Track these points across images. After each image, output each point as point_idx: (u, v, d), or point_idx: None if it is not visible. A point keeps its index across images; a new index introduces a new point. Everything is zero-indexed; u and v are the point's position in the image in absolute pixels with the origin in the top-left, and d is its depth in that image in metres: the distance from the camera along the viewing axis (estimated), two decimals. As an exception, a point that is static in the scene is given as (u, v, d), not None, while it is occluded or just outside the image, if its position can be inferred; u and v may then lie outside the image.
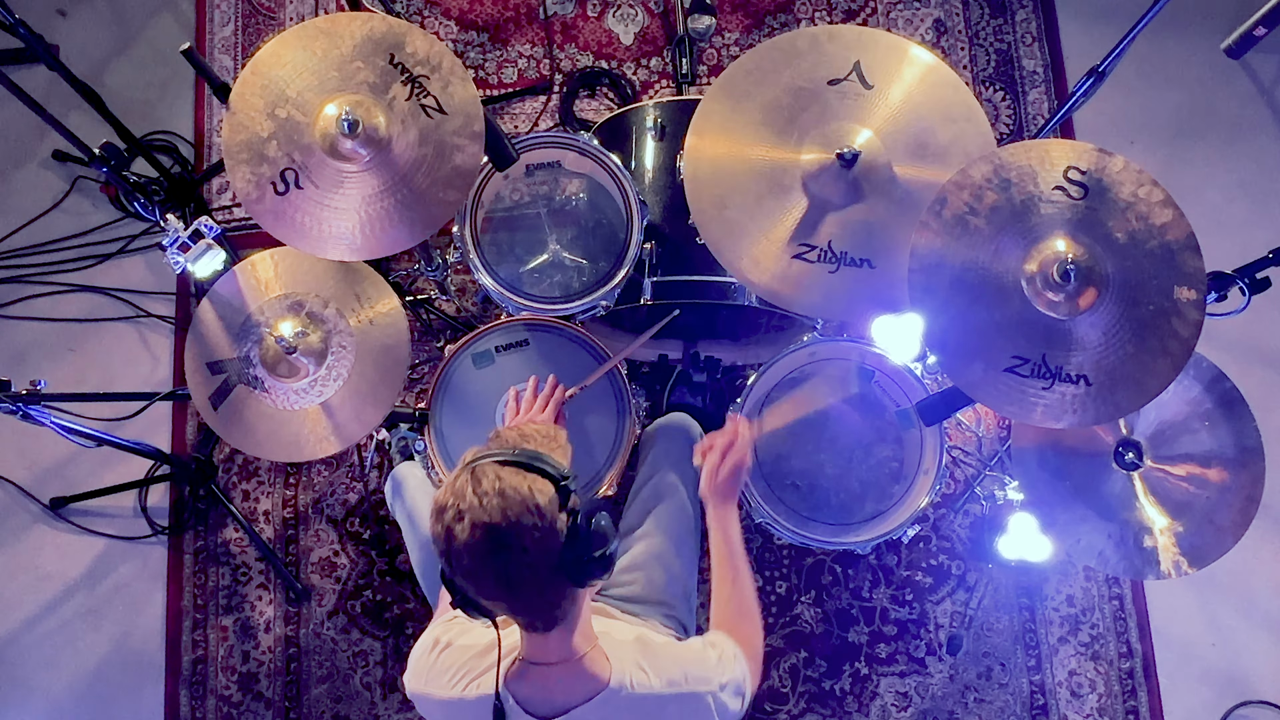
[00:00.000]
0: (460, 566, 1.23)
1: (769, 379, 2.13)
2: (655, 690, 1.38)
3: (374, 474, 2.62)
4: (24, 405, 1.86)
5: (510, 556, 1.21)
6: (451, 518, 1.22)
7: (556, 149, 2.13)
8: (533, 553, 1.22)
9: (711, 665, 1.45)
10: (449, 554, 1.23)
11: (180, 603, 2.60)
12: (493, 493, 1.21)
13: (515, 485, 1.23)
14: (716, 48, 2.91)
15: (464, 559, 1.22)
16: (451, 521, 1.22)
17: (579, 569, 1.26)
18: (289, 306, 1.96)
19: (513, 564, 1.22)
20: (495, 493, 1.21)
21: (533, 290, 2.10)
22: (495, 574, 1.23)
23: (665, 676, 1.40)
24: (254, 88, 1.79)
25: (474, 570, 1.23)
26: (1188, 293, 1.63)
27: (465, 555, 1.21)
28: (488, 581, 1.24)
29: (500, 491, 1.21)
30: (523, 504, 1.22)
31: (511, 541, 1.21)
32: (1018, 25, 2.94)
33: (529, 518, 1.22)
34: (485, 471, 1.24)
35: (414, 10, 2.93)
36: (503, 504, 1.21)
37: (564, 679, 1.35)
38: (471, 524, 1.20)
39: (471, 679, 1.39)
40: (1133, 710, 2.56)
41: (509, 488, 1.22)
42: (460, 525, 1.21)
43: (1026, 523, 2.13)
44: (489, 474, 1.23)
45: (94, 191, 2.83)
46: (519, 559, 1.22)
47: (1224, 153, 2.87)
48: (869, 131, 1.85)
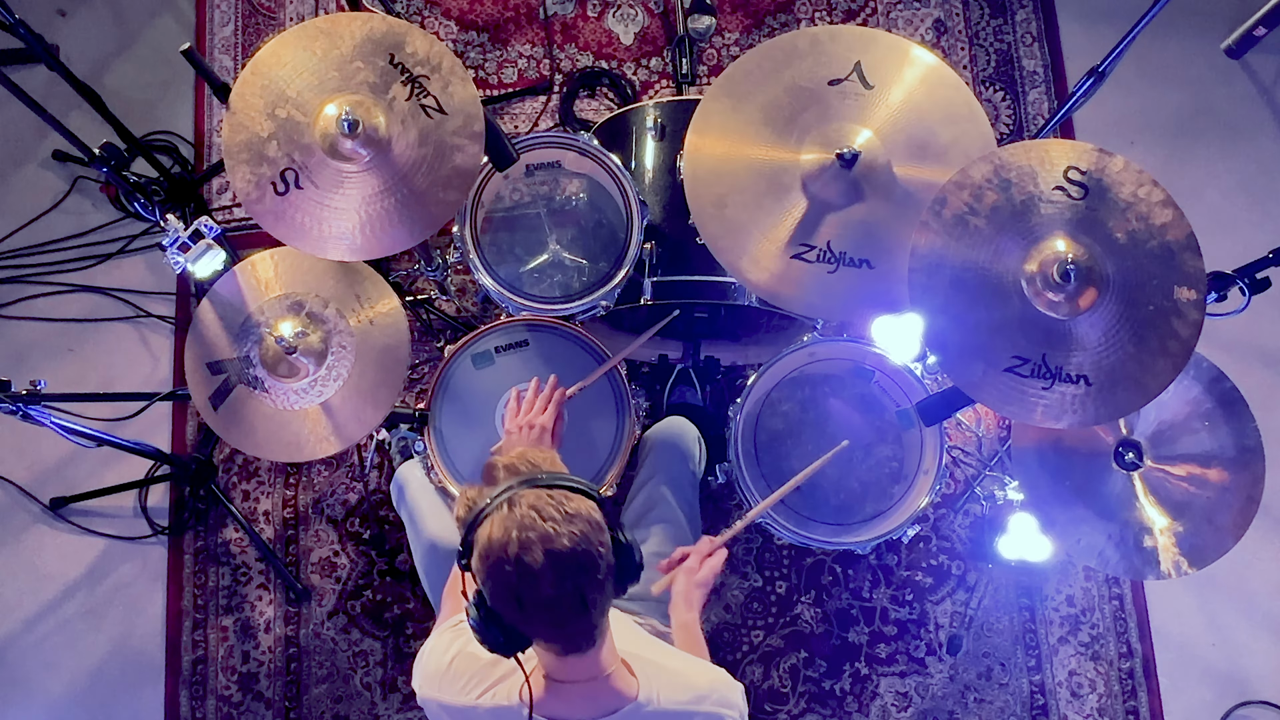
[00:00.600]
0: (534, 603, 1.20)
1: (769, 379, 2.13)
2: (682, 705, 1.38)
3: (374, 474, 2.62)
4: (24, 405, 1.86)
5: (590, 578, 1.21)
6: (519, 549, 1.18)
7: (556, 149, 2.13)
8: (604, 570, 1.22)
9: (733, 688, 1.45)
10: (521, 586, 1.19)
11: (180, 603, 2.60)
12: (562, 517, 1.19)
13: (578, 507, 1.22)
14: (716, 48, 2.91)
15: (544, 588, 1.19)
16: (520, 553, 1.18)
17: (624, 578, 1.27)
18: (289, 307, 1.96)
19: (591, 585, 1.21)
20: (565, 517, 1.19)
21: (533, 290, 2.10)
22: (576, 598, 1.21)
23: (692, 692, 1.39)
24: (254, 88, 1.79)
25: (555, 599, 1.20)
26: (1188, 293, 1.63)
27: (545, 584, 1.18)
28: (562, 611, 1.22)
29: (570, 516, 1.20)
30: (591, 523, 1.21)
31: (589, 563, 1.20)
32: (1018, 25, 2.94)
33: (597, 535, 1.22)
34: (542, 498, 1.21)
35: (414, 10, 2.93)
36: (575, 527, 1.19)
37: (588, 695, 1.34)
38: (547, 551, 1.17)
39: (486, 688, 1.38)
40: (1133, 710, 2.56)
41: (574, 511, 1.21)
42: (533, 554, 1.17)
43: (1026, 523, 2.13)
44: (546, 500, 1.21)
45: (94, 191, 2.83)
46: (595, 579, 1.21)
47: (1224, 153, 2.87)
48: (869, 132, 1.85)
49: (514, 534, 1.18)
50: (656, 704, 1.35)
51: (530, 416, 1.83)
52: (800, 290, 1.84)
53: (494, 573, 1.21)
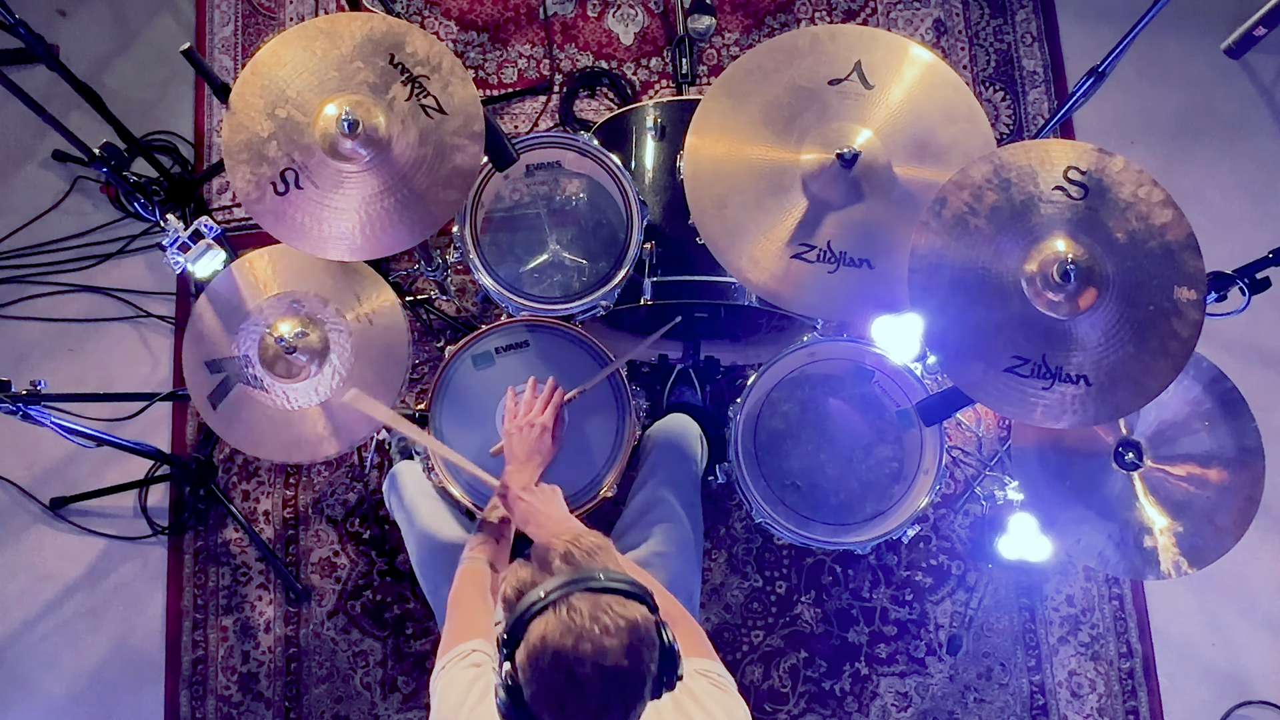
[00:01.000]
0: (583, 708, 1.17)
1: (769, 379, 2.13)
2: None
3: (374, 474, 2.62)
4: (24, 405, 1.86)
5: (636, 691, 1.19)
6: (571, 661, 1.15)
7: (556, 149, 2.13)
8: (650, 683, 1.20)
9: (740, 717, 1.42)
10: (567, 694, 1.16)
11: (180, 603, 2.60)
12: (615, 630, 1.16)
13: (631, 617, 1.18)
14: (716, 48, 2.91)
15: (590, 701, 1.16)
16: (573, 665, 1.15)
17: (660, 685, 1.24)
18: (288, 306, 1.96)
19: (636, 697, 1.20)
20: (617, 629, 1.16)
21: (533, 290, 2.10)
22: (621, 710, 1.19)
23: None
24: (254, 88, 1.79)
25: (599, 707, 1.17)
26: (1188, 293, 1.63)
27: (592, 697, 1.16)
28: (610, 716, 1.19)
29: (624, 627, 1.17)
30: (643, 636, 1.18)
31: (637, 678, 1.18)
32: (1018, 25, 2.94)
33: (648, 650, 1.19)
34: (599, 606, 1.17)
35: (414, 10, 2.93)
36: (628, 639, 1.16)
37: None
38: (598, 665, 1.15)
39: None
40: (1133, 710, 2.56)
41: (630, 621, 1.17)
42: (585, 668, 1.15)
43: (1026, 523, 2.13)
44: (604, 606, 1.17)
45: (94, 191, 2.83)
46: (640, 692, 1.19)
47: (1224, 153, 2.87)
48: (869, 131, 1.85)
49: (568, 642, 1.15)
50: None
51: (529, 417, 1.83)
52: (800, 290, 1.84)
53: (541, 677, 1.18)
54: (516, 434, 1.83)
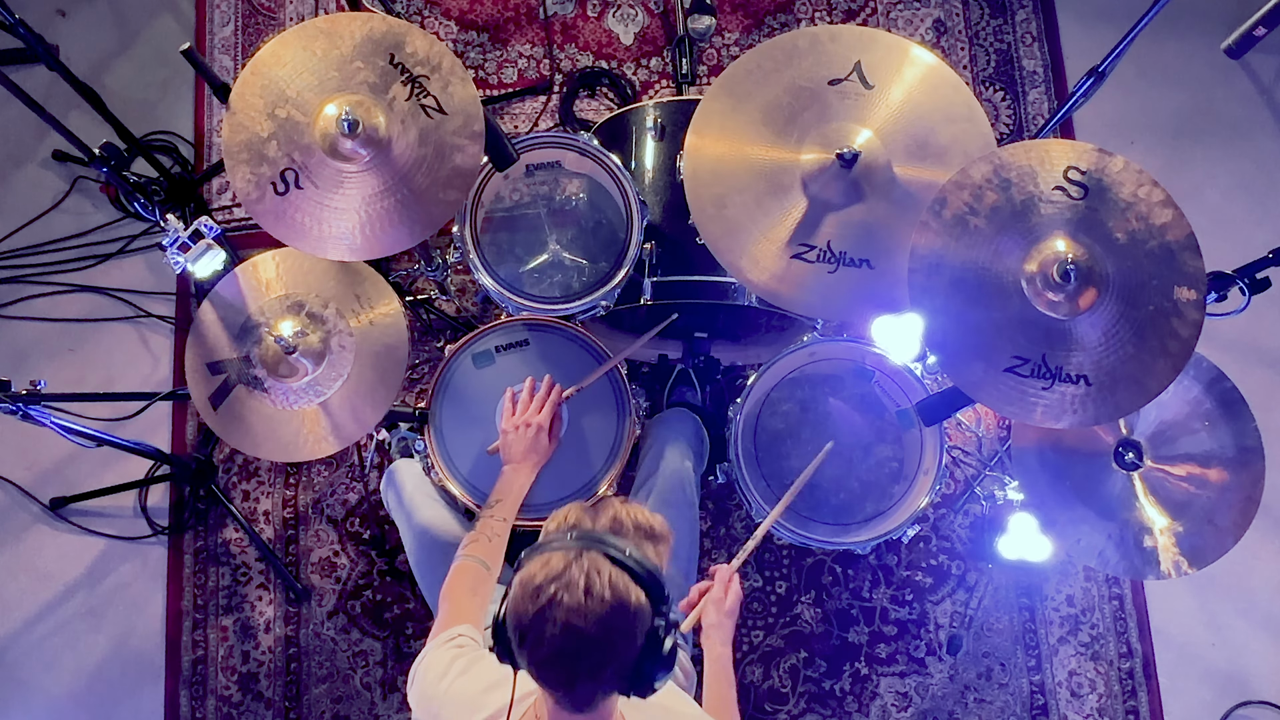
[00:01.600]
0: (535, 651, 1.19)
1: (769, 379, 2.13)
2: None
3: (374, 474, 2.62)
4: (24, 405, 1.86)
5: (586, 666, 1.19)
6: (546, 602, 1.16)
7: (556, 149, 2.13)
8: (610, 664, 1.20)
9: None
10: (528, 633, 1.18)
11: (180, 603, 2.60)
12: (600, 598, 1.16)
13: (623, 594, 1.18)
14: (716, 48, 2.91)
15: (543, 649, 1.18)
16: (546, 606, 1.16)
17: (636, 682, 1.23)
18: (289, 307, 1.96)
19: (585, 672, 1.19)
20: (601, 599, 1.16)
21: (533, 290, 2.10)
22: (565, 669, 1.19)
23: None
24: (254, 88, 1.79)
25: (547, 659, 1.19)
26: (1188, 293, 1.63)
27: (546, 644, 1.17)
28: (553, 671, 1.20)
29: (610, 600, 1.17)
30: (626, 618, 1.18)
31: (596, 647, 1.18)
32: (1018, 25, 2.94)
33: (624, 630, 1.18)
34: (600, 566, 1.18)
35: (414, 10, 2.93)
36: (607, 613, 1.16)
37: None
38: (566, 624, 1.16)
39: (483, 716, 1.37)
40: (1133, 710, 2.56)
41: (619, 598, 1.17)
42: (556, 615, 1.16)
43: (1026, 523, 2.13)
44: (603, 572, 1.18)
45: (94, 191, 2.83)
46: (593, 665, 1.19)
47: (1224, 153, 2.87)
48: (869, 131, 1.85)
49: (552, 587, 1.17)
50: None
51: (526, 416, 1.84)
52: (800, 290, 1.84)
53: (516, 602, 1.20)
54: (513, 433, 1.84)
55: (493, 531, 1.77)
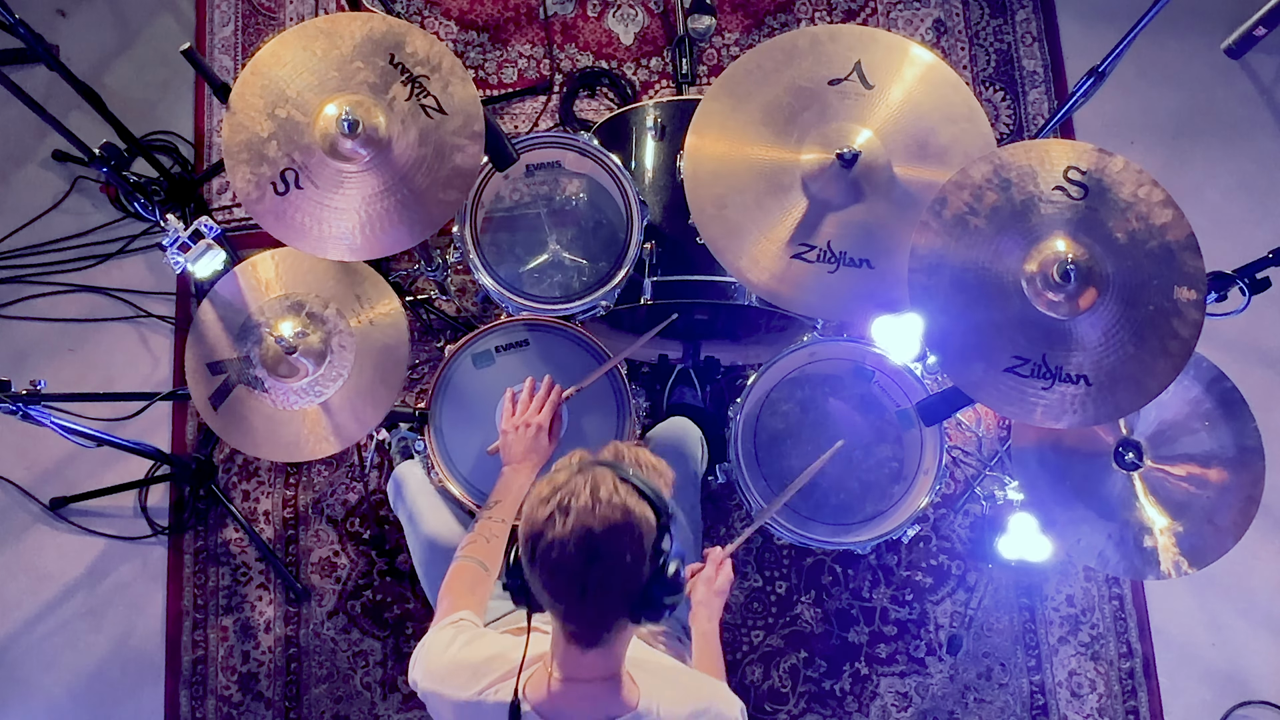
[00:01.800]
0: (545, 558, 1.22)
1: (769, 379, 2.13)
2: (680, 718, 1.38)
3: (374, 474, 2.62)
4: (24, 405, 1.86)
5: (598, 568, 1.21)
6: (556, 508, 1.21)
7: (556, 149, 2.13)
8: (617, 575, 1.22)
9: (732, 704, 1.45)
10: (537, 541, 1.22)
11: (180, 603, 2.60)
12: (607, 503, 1.20)
13: (630, 505, 1.21)
14: (716, 48, 2.91)
15: (553, 551, 1.21)
16: (555, 512, 1.21)
17: (645, 607, 1.25)
18: (289, 307, 1.96)
19: (594, 576, 1.21)
20: (609, 504, 1.20)
21: (533, 290, 2.10)
22: (576, 577, 1.22)
23: (690, 705, 1.40)
24: (254, 88, 1.79)
25: (557, 564, 1.21)
26: (1188, 293, 1.63)
27: (556, 548, 1.20)
28: (563, 580, 1.23)
29: (616, 505, 1.20)
30: (631, 526, 1.21)
31: (606, 555, 1.20)
32: (1018, 25, 2.94)
33: (631, 541, 1.21)
34: (606, 479, 1.22)
35: (414, 10, 2.93)
36: (613, 517, 1.20)
37: (589, 697, 1.34)
38: (576, 523, 1.19)
39: (490, 683, 1.38)
40: (1133, 710, 2.56)
41: (624, 506, 1.21)
42: (564, 520, 1.20)
43: (1026, 523, 2.13)
44: (609, 482, 1.22)
45: (94, 191, 2.83)
46: (603, 574, 1.21)
47: (1224, 153, 2.87)
48: (869, 131, 1.85)
49: (560, 495, 1.21)
50: (655, 715, 1.36)
51: (526, 416, 1.84)
52: (800, 290, 1.84)
53: (528, 518, 1.24)
54: (513, 434, 1.84)
55: (491, 532, 1.77)
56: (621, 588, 1.23)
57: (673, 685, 1.42)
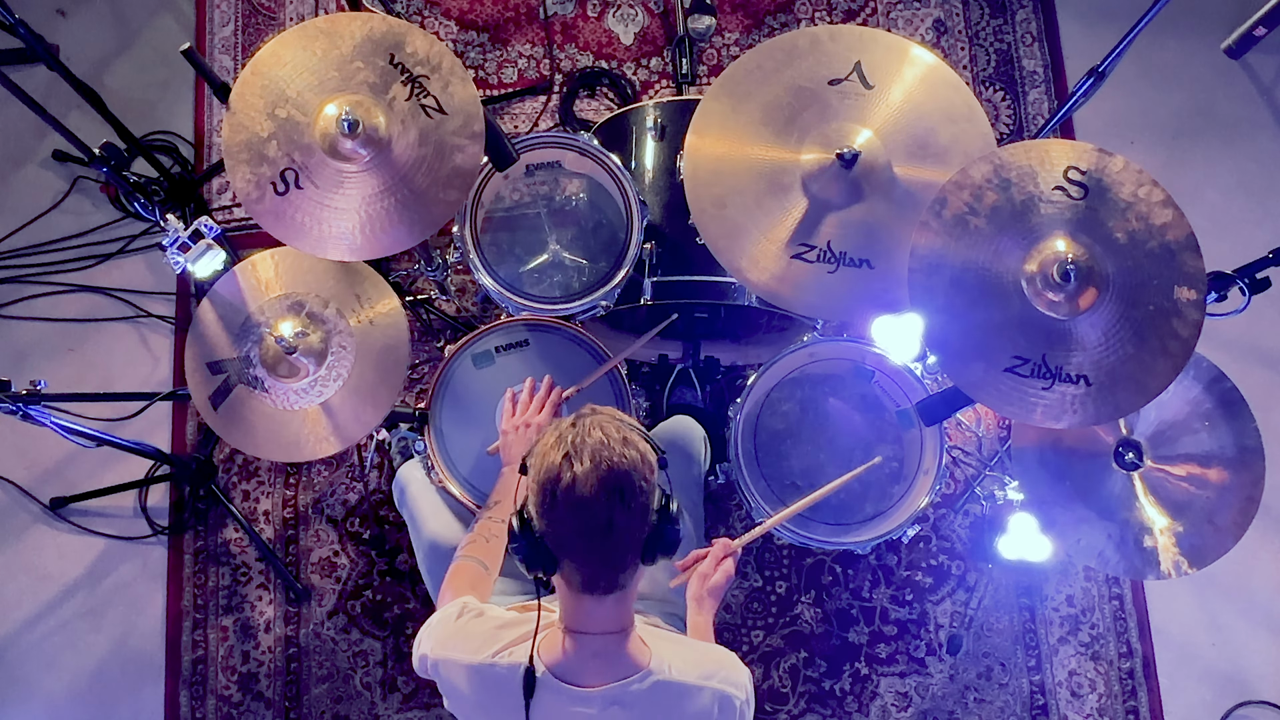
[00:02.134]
0: (569, 498, 1.23)
1: (769, 379, 2.13)
2: (690, 680, 1.39)
3: (374, 474, 2.62)
4: (24, 405, 1.86)
5: (620, 504, 1.24)
6: (571, 450, 1.23)
7: (556, 149, 2.13)
8: (635, 510, 1.26)
9: (741, 670, 1.46)
10: (555, 485, 1.24)
11: (180, 603, 2.60)
12: (621, 443, 1.24)
13: (637, 443, 1.27)
14: (716, 48, 2.91)
15: (573, 493, 1.23)
16: (570, 453, 1.23)
17: (657, 543, 1.30)
18: (289, 307, 1.96)
19: (619, 513, 1.24)
20: (624, 443, 1.25)
21: (533, 290, 2.10)
22: (600, 516, 1.24)
23: (700, 669, 1.41)
24: (254, 88, 1.79)
25: (581, 504, 1.23)
26: (1188, 293, 1.63)
27: (579, 485, 1.22)
28: (587, 516, 1.24)
29: (628, 442, 1.25)
30: (644, 462, 1.26)
31: (626, 490, 1.24)
32: (1018, 25, 2.94)
33: (643, 478, 1.26)
34: (611, 423, 1.27)
35: (414, 10, 2.93)
36: (628, 453, 1.24)
37: (602, 653, 1.36)
38: (595, 462, 1.22)
39: (501, 647, 1.40)
40: (1133, 710, 2.56)
41: (634, 443, 1.26)
42: (581, 462, 1.22)
43: (1026, 523, 2.13)
44: (614, 425, 1.27)
45: (94, 191, 2.83)
46: (625, 510, 1.24)
47: (1224, 153, 2.87)
48: (869, 131, 1.85)
49: (570, 438, 1.25)
50: (667, 674, 1.37)
51: (525, 417, 1.84)
52: (800, 290, 1.84)
53: (541, 467, 1.26)
54: (513, 434, 1.84)
55: (491, 532, 1.77)
56: (641, 521, 1.27)
57: (684, 647, 1.45)
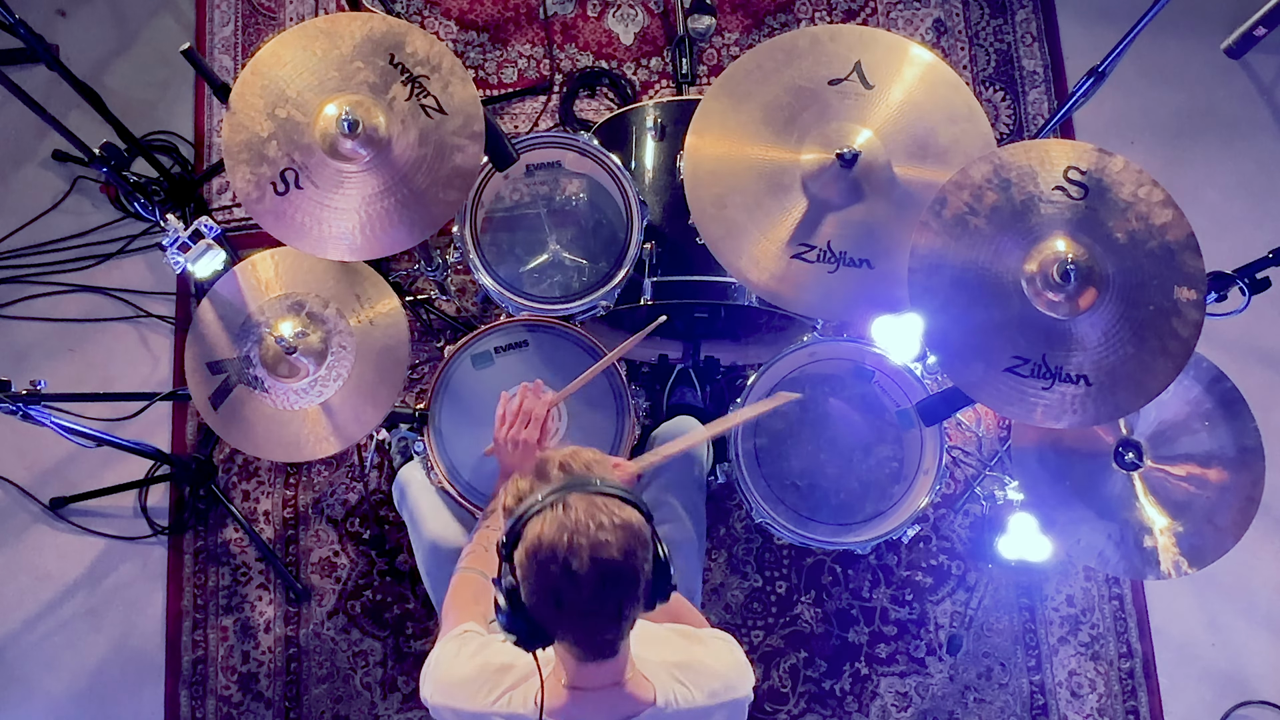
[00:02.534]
0: (578, 601, 1.21)
1: (769, 379, 2.13)
2: (699, 704, 1.39)
3: (374, 474, 2.62)
4: (24, 405, 1.86)
5: (630, 591, 1.22)
6: (567, 552, 1.18)
7: (556, 149, 2.13)
8: (643, 586, 1.24)
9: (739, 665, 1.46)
10: (563, 588, 1.20)
11: (180, 603, 2.60)
12: (611, 526, 1.20)
13: (627, 518, 1.22)
14: (716, 48, 2.91)
15: (585, 594, 1.20)
16: (569, 557, 1.18)
17: (655, 593, 1.28)
18: (289, 306, 1.96)
19: (629, 598, 1.23)
20: (613, 526, 1.20)
21: (533, 290, 2.10)
22: (614, 607, 1.23)
23: (706, 689, 1.40)
24: (254, 88, 1.79)
25: (594, 606, 1.21)
26: (1188, 293, 1.63)
27: (587, 590, 1.19)
28: (603, 616, 1.23)
29: (619, 525, 1.20)
30: (638, 537, 1.22)
31: (632, 576, 1.21)
32: (1018, 25, 2.94)
33: (642, 550, 1.22)
34: (595, 504, 1.21)
35: (414, 10, 2.93)
36: (624, 538, 1.20)
37: (607, 702, 1.35)
38: (594, 559, 1.18)
39: (500, 693, 1.38)
40: (1133, 710, 2.56)
41: (625, 521, 1.21)
42: (581, 560, 1.18)
43: (1026, 523, 2.13)
44: (600, 506, 1.21)
45: (94, 191, 2.83)
46: (634, 593, 1.23)
47: (1224, 153, 2.87)
48: (869, 131, 1.85)
49: (565, 537, 1.19)
50: (675, 705, 1.36)
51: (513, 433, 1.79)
52: (800, 290, 1.84)
53: (538, 571, 1.21)
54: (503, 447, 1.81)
55: (489, 542, 1.76)
56: (644, 592, 1.25)
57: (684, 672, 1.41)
